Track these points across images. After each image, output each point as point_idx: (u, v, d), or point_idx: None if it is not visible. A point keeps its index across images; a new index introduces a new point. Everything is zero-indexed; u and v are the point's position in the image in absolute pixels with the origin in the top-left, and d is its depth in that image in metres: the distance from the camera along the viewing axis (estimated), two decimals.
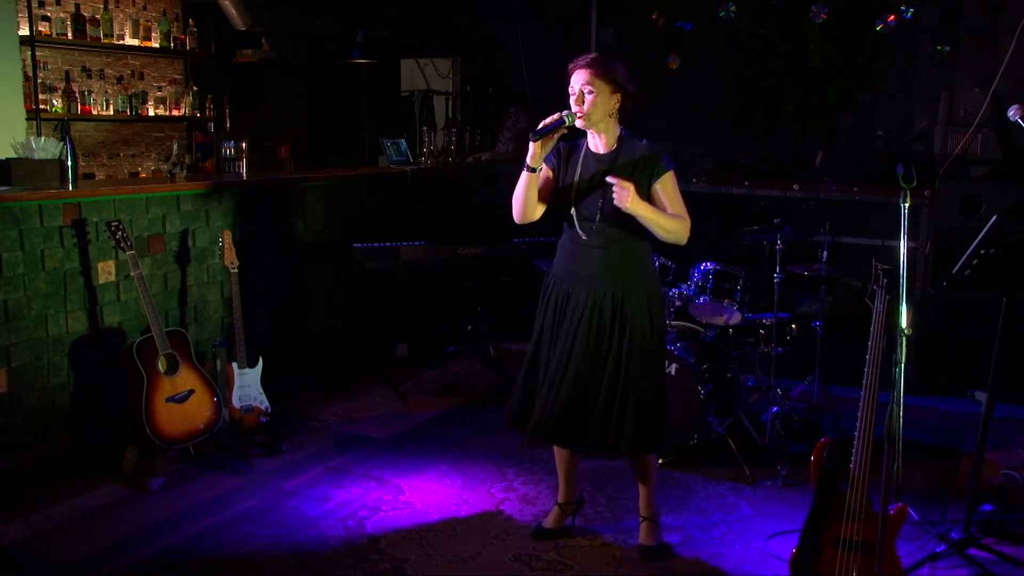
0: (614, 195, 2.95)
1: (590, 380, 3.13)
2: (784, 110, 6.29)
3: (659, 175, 3.07)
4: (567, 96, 3.09)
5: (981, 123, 5.15)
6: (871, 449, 2.71)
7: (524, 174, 3.10)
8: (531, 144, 3.03)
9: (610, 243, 3.12)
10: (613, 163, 3.10)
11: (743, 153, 6.35)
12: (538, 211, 3.19)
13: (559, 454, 3.41)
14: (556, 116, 3.03)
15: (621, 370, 3.11)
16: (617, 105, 3.09)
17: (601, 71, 3.04)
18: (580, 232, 3.14)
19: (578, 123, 3.06)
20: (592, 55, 3.11)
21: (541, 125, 3.02)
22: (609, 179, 2.97)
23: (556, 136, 3.06)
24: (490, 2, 6.90)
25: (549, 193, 3.20)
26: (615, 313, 3.11)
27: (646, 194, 3.05)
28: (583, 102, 3.03)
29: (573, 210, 3.14)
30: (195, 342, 4.33)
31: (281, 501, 3.73)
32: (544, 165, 3.14)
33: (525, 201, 3.13)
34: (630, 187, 2.95)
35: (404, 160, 6.19)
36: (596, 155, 3.15)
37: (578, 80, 3.05)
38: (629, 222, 3.07)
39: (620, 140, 3.14)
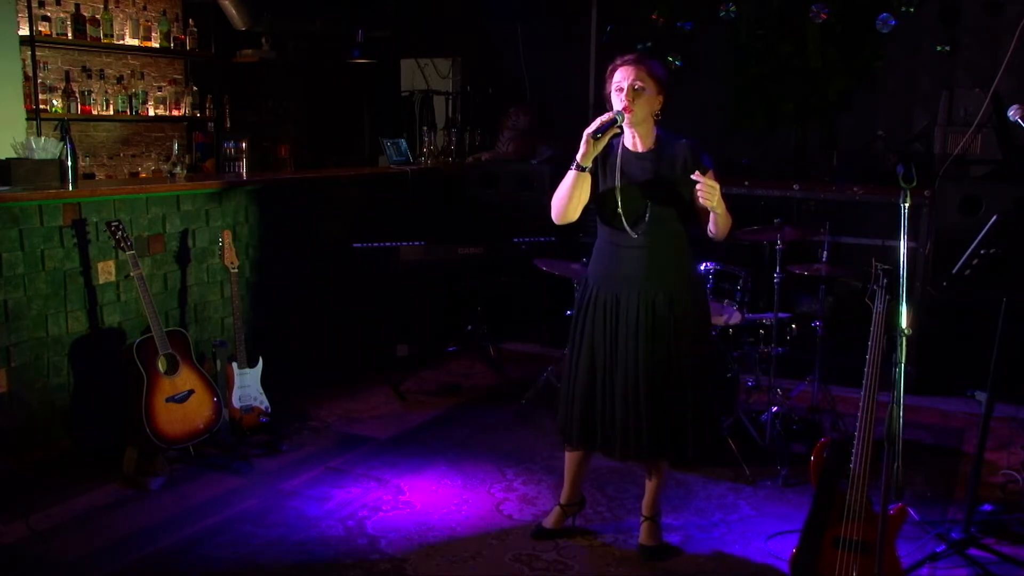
0: (699, 192, 2.90)
1: (656, 385, 3.07)
2: (784, 110, 6.28)
3: (702, 175, 3.01)
4: (607, 97, 3.05)
5: (981, 123, 5.16)
6: (871, 449, 2.71)
7: (572, 173, 3.03)
8: (583, 143, 2.97)
9: (656, 243, 3.08)
10: (656, 162, 3.07)
11: (743, 153, 6.35)
12: (579, 211, 3.12)
13: (574, 457, 3.38)
14: (609, 115, 2.98)
15: (684, 373, 3.07)
16: (659, 106, 3.06)
17: (651, 69, 3.02)
18: (629, 232, 3.07)
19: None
20: (636, 54, 3.07)
21: (597, 124, 2.96)
22: (694, 177, 2.91)
23: (607, 136, 2.99)
24: (490, 2, 6.90)
25: (589, 193, 3.13)
26: (669, 315, 3.06)
27: (689, 192, 3.01)
28: (632, 97, 2.97)
29: (620, 211, 3.07)
30: (195, 342, 4.33)
31: (281, 501, 3.73)
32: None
33: (571, 200, 3.06)
34: (717, 185, 2.91)
35: (404, 160, 6.19)
36: (636, 154, 3.10)
37: (627, 76, 2.99)
38: (673, 221, 3.06)
39: (658, 139, 3.11)
